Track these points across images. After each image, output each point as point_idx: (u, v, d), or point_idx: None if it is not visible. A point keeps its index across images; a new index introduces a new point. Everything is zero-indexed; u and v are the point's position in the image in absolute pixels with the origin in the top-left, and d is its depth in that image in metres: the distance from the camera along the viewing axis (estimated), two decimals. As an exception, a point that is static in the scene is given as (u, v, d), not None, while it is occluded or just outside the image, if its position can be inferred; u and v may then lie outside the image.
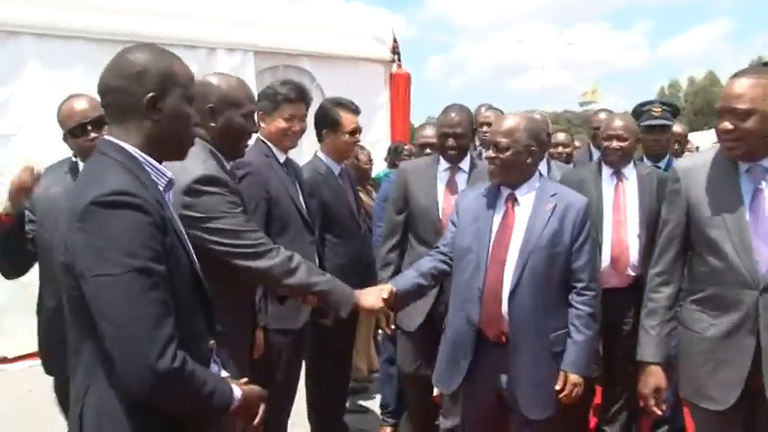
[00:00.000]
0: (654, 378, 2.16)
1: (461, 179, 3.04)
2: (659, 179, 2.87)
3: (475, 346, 2.38)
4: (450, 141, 2.96)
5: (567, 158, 4.20)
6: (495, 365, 2.38)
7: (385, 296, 2.37)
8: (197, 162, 2.08)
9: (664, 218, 2.23)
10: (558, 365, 2.36)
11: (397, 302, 2.48)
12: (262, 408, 1.58)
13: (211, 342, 1.53)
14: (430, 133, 3.73)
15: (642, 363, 2.20)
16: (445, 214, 2.94)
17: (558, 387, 2.33)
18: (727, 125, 1.93)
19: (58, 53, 3.78)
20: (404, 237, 3.12)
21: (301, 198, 2.86)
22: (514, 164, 2.35)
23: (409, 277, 2.54)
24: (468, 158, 3.07)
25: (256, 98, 2.59)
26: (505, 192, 2.42)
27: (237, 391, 1.47)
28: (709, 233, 2.04)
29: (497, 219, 2.41)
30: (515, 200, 2.40)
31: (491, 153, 2.37)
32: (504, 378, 2.38)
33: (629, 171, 3.00)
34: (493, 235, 2.39)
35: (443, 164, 3.06)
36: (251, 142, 2.49)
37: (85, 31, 3.87)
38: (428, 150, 3.64)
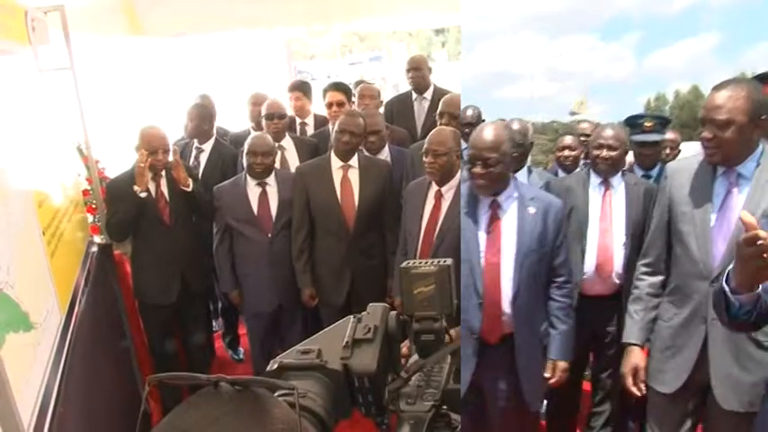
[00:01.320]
0: (633, 358, 2.29)
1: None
2: (646, 189, 2.88)
3: (477, 353, 2.38)
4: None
5: (574, 162, 3.87)
6: (495, 366, 2.41)
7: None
8: None
9: (651, 213, 2.39)
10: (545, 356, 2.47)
11: None
12: None
13: None
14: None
15: (625, 344, 2.33)
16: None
17: (548, 375, 2.44)
18: (708, 134, 2.06)
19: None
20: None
21: None
22: (503, 175, 2.36)
23: None
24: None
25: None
26: (486, 200, 2.40)
27: None
28: (680, 227, 2.19)
29: (482, 226, 2.38)
30: (499, 206, 2.39)
31: (479, 170, 2.31)
32: (506, 377, 2.41)
33: (617, 181, 2.96)
34: (482, 242, 2.37)
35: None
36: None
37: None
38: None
